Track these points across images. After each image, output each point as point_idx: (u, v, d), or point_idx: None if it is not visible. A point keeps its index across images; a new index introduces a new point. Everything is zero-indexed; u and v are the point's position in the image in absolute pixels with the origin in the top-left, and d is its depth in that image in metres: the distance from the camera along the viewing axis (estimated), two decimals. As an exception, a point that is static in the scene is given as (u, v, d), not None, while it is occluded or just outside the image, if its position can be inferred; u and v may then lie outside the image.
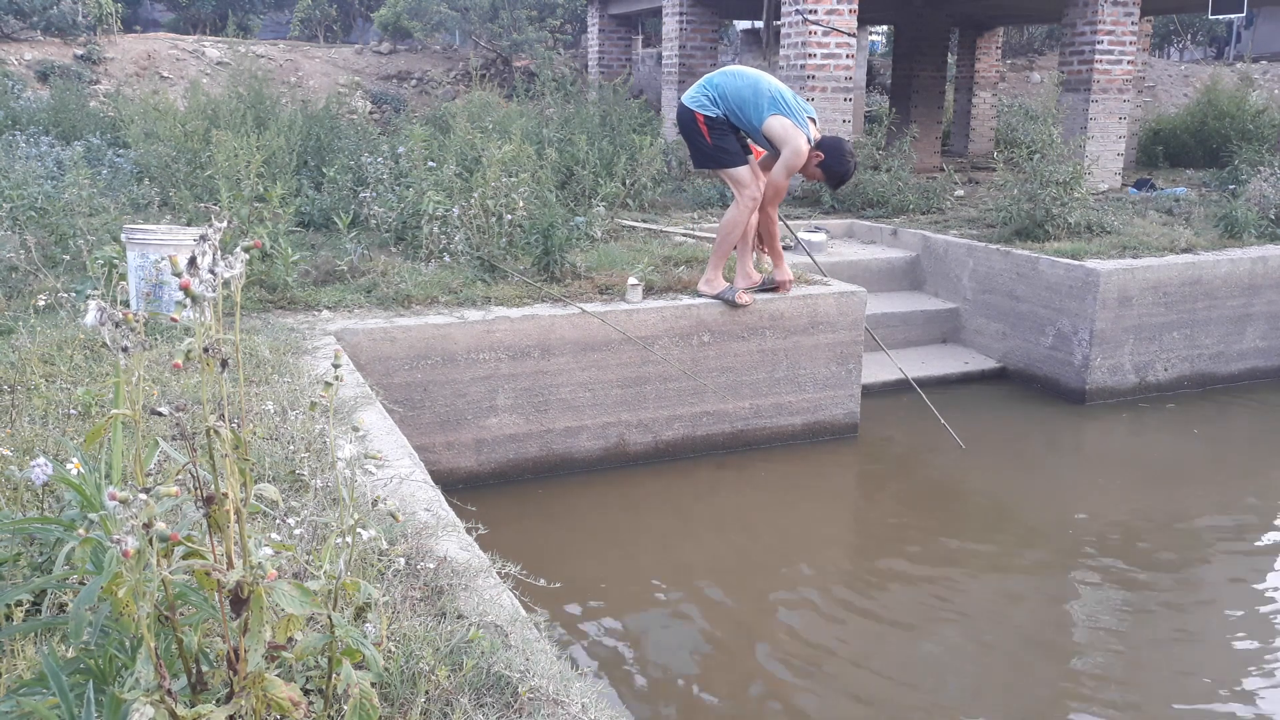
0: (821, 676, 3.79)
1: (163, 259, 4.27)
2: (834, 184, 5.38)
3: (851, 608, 4.24)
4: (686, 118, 5.19)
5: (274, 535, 2.32)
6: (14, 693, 1.55)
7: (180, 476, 2.17)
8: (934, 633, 4.01)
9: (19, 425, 3.01)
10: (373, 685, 1.57)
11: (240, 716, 1.47)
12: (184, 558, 1.43)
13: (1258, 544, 4.92)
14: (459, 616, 2.15)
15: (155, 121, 7.62)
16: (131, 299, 4.42)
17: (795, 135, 5.01)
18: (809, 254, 6.89)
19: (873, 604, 4.26)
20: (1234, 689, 3.67)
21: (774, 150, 5.18)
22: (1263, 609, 4.25)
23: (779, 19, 10.37)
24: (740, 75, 5.17)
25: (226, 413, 1.48)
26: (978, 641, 3.96)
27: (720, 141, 5.16)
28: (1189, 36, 21.58)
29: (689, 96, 5.20)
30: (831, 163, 5.16)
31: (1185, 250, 7.17)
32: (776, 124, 5.02)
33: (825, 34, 9.22)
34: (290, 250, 5.21)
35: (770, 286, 5.69)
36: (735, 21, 16.75)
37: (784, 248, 7.69)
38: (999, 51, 14.89)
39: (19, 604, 1.96)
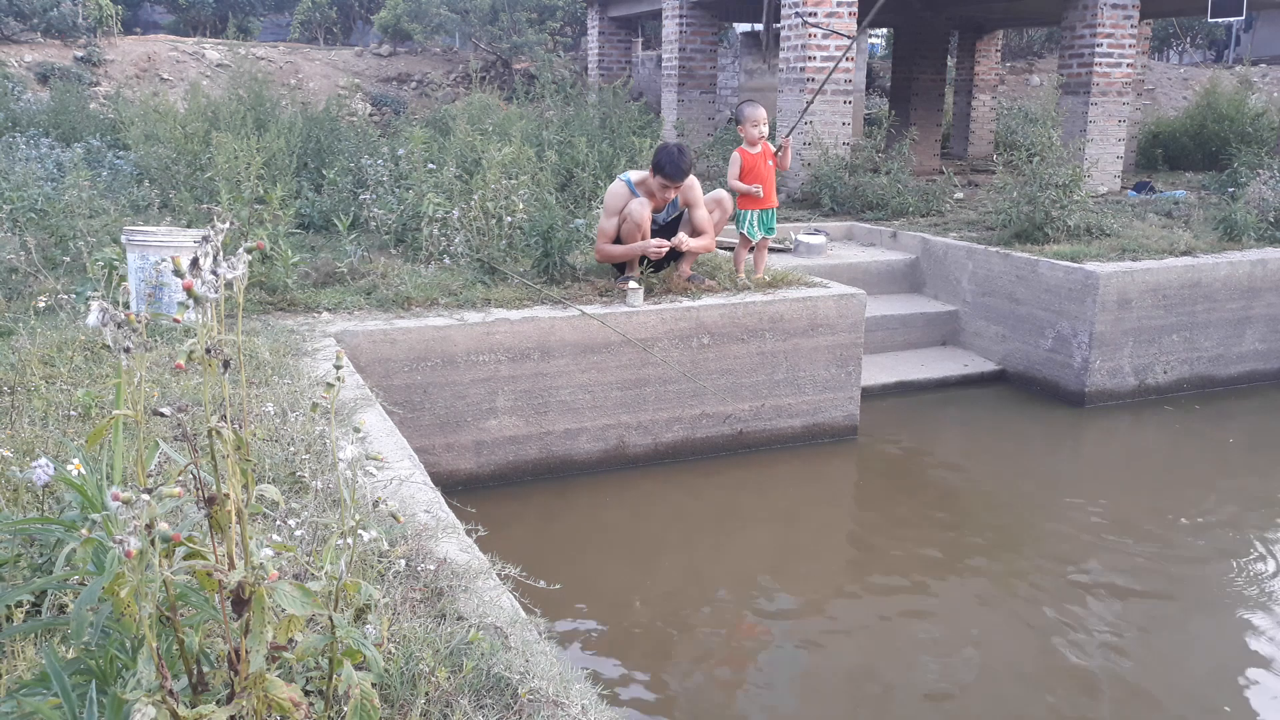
0: (820, 678, 3.79)
1: (163, 260, 4.27)
2: (663, 172, 5.49)
3: (851, 609, 4.24)
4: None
5: (275, 536, 2.33)
6: (15, 693, 1.55)
7: (181, 477, 2.18)
8: (933, 635, 4.01)
9: (19, 426, 3.01)
10: (373, 686, 1.57)
11: (241, 717, 1.47)
12: (186, 558, 1.43)
13: (1258, 546, 4.92)
14: (459, 618, 2.15)
15: (155, 123, 7.63)
16: (132, 301, 4.42)
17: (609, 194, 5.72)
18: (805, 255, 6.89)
19: (872, 606, 4.26)
20: (1234, 691, 3.67)
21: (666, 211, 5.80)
22: (1264, 611, 4.25)
23: (779, 22, 10.39)
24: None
25: (228, 414, 1.48)
26: (976, 642, 3.96)
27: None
28: (1188, 39, 21.61)
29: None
30: (654, 161, 5.54)
31: (1184, 253, 7.17)
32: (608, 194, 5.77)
33: (825, 37, 9.23)
34: (290, 252, 5.22)
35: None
36: (735, 24, 16.76)
37: (782, 250, 7.74)
38: (998, 54, 14.90)
39: (19, 605, 1.97)
